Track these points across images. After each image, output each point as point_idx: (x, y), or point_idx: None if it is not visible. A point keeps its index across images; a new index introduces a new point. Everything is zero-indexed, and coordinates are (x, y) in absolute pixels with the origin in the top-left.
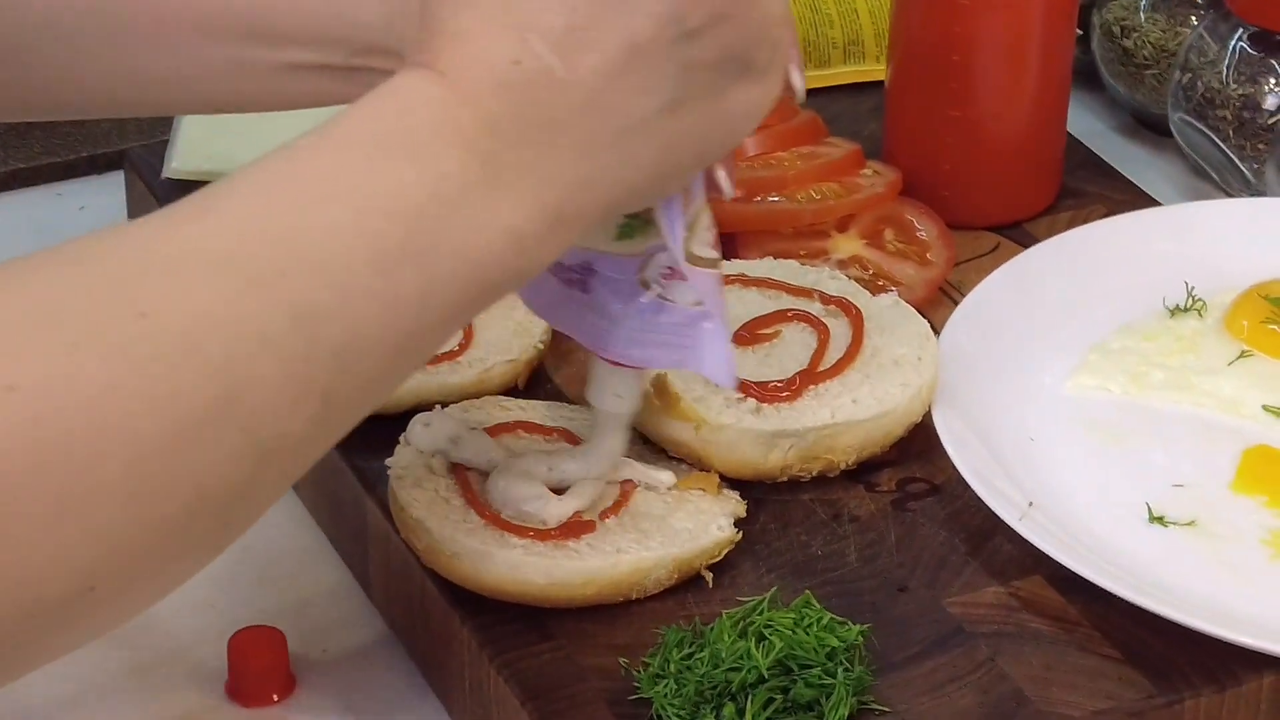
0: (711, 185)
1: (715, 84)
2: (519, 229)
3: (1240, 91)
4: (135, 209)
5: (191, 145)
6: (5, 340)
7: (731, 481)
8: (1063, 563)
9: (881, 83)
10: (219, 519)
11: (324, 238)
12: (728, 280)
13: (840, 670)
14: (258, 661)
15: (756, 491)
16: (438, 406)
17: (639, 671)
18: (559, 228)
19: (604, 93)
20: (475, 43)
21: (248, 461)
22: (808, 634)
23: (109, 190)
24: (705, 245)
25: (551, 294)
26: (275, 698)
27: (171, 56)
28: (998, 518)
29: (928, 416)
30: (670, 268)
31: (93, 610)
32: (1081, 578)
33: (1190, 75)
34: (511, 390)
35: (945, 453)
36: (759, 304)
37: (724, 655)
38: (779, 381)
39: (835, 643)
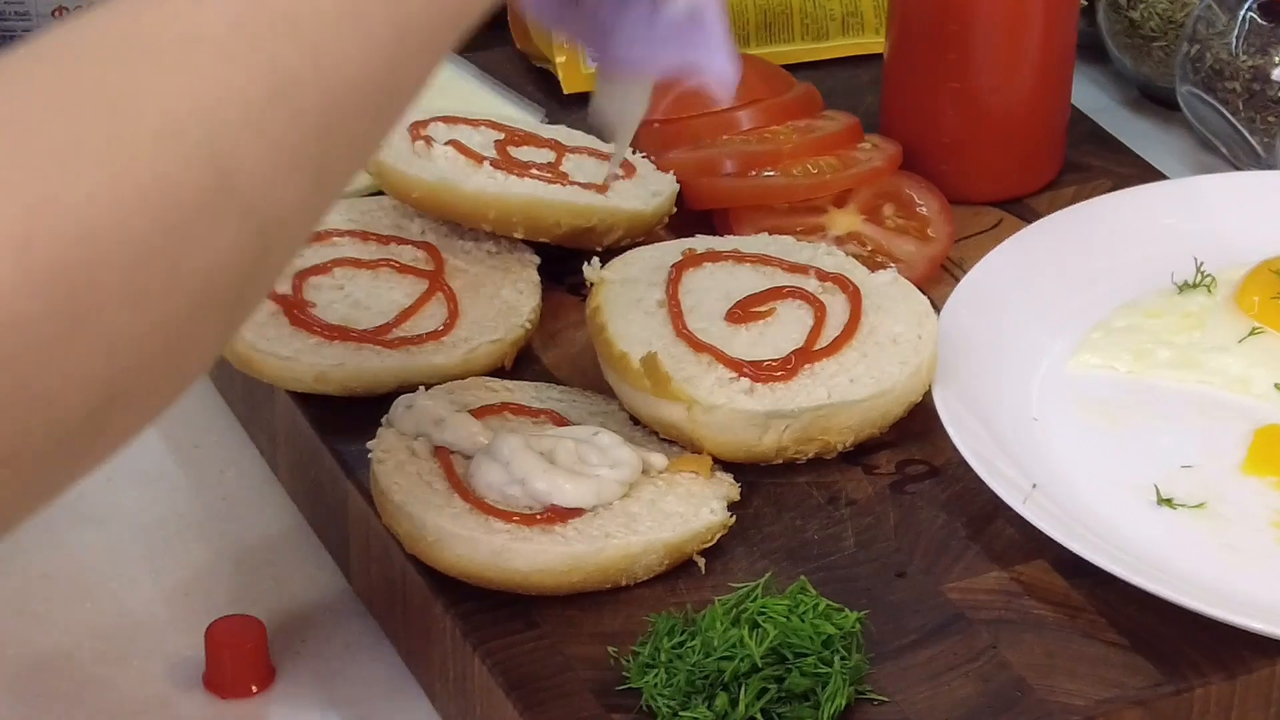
0: None
1: None
2: None
3: (1250, 63)
4: None
5: None
6: None
7: (724, 464)
8: (1067, 546)
9: (880, 55)
10: (230, 305)
11: (289, 2)
12: (721, 256)
13: (836, 659)
14: (236, 651)
15: (750, 474)
16: (421, 388)
17: (628, 661)
18: None
19: None
20: None
21: (249, 243)
22: (803, 621)
23: None
24: None
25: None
26: (254, 688)
27: None
28: (999, 500)
29: (927, 396)
30: None
31: (117, 418)
32: (1086, 562)
33: (1198, 47)
34: (498, 371)
35: (945, 433)
36: (753, 281)
37: (716, 644)
38: (774, 360)
39: (831, 630)
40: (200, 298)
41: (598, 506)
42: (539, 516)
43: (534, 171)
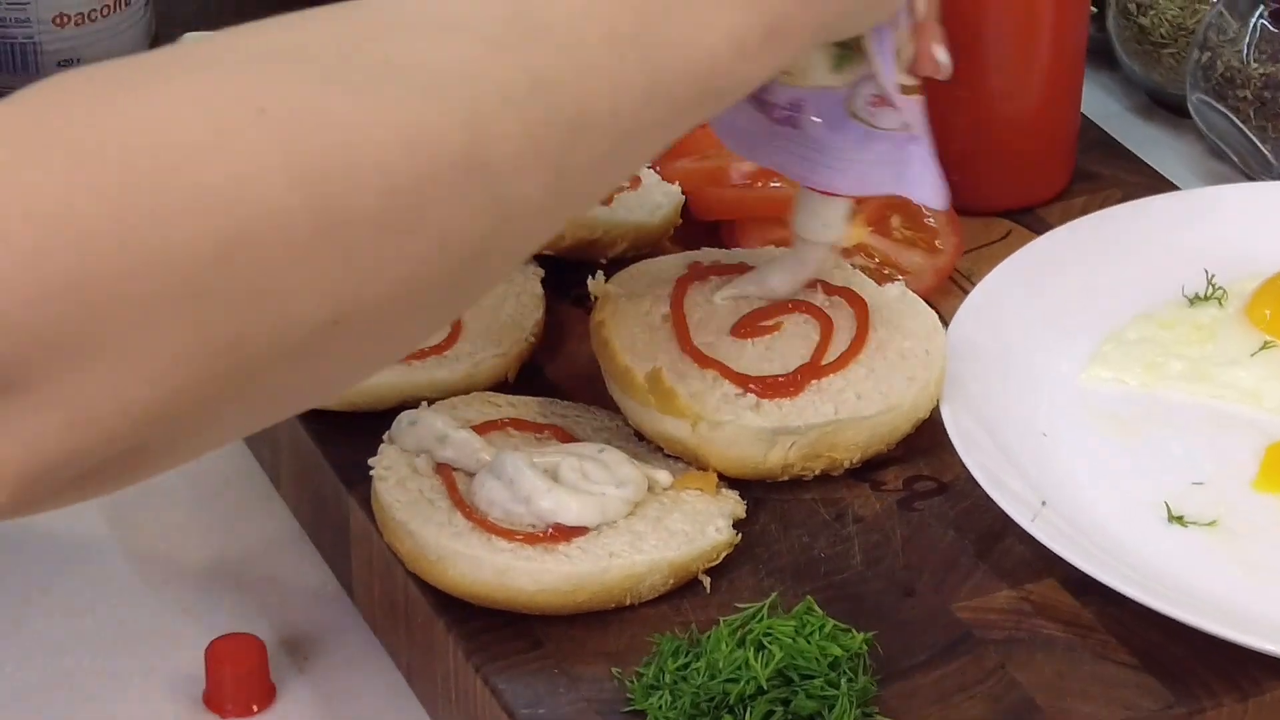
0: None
1: None
2: (739, 34)
3: (1262, 71)
4: None
5: None
6: (255, 70)
7: (730, 481)
8: (1077, 565)
9: None
10: (455, 276)
11: (558, 14)
12: (727, 269)
13: (843, 680)
14: (236, 670)
15: (756, 491)
16: (424, 403)
17: (632, 682)
18: (775, 40)
19: None
20: None
21: (487, 218)
22: (809, 642)
23: None
24: (906, 75)
25: (756, 131)
26: (255, 707)
27: None
28: (1009, 518)
29: (936, 412)
30: (876, 96)
31: (332, 346)
32: (1097, 581)
33: (1209, 54)
34: (501, 385)
35: (954, 450)
36: None
37: (721, 665)
38: (780, 376)
39: (838, 651)
40: (434, 250)
41: (602, 525)
42: (542, 535)
43: None
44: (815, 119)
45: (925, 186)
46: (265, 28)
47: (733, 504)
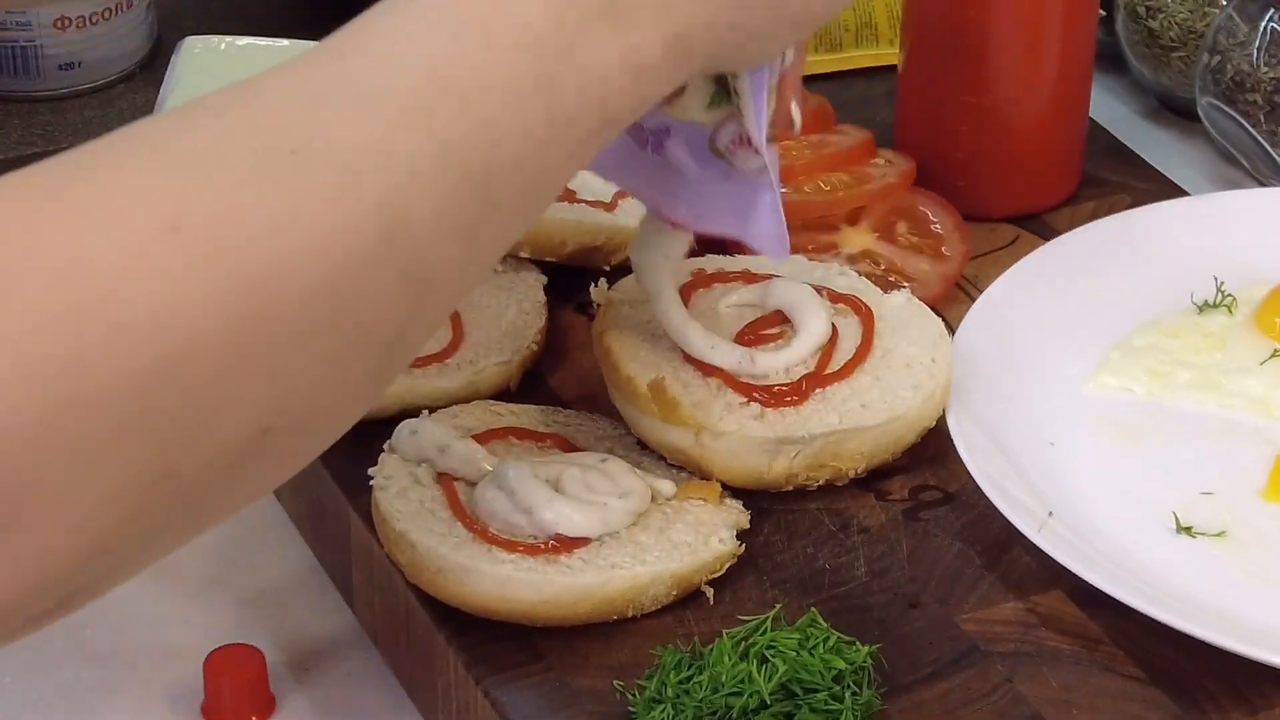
0: (784, 82)
1: None
2: (638, 60)
3: (1272, 74)
4: None
5: None
6: (163, 185)
7: (734, 490)
8: (1084, 576)
9: (895, 67)
10: (379, 360)
11: (461, 69)
12: (730, 277)
13: (848, 694)
14: (235, 681)
15: (760, 501)
16: (425, 412)
17: (634, 695)
18: (673, 60)
19: None
20: None
21: (406, 299)
22: (813, 655)
23: None
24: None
25: (619, 152)
26: (254, 719)
27: None
28: (1015, 528)
29: (941, 421)
30: (740, 136)
31: (266, 455)
32: (1104, 592)
33: (1219, 58)
34: (503, 394)
35: (960, 459)
36: None
37: (724, 679)
38: (784, 385)
39: (842, 665)
40: (356, 345)
41: (604, 535)
42: (544, 546)
43: None
44: (679, 149)
45: (769, 235)
46: (168, 123)
47: (736, 514)
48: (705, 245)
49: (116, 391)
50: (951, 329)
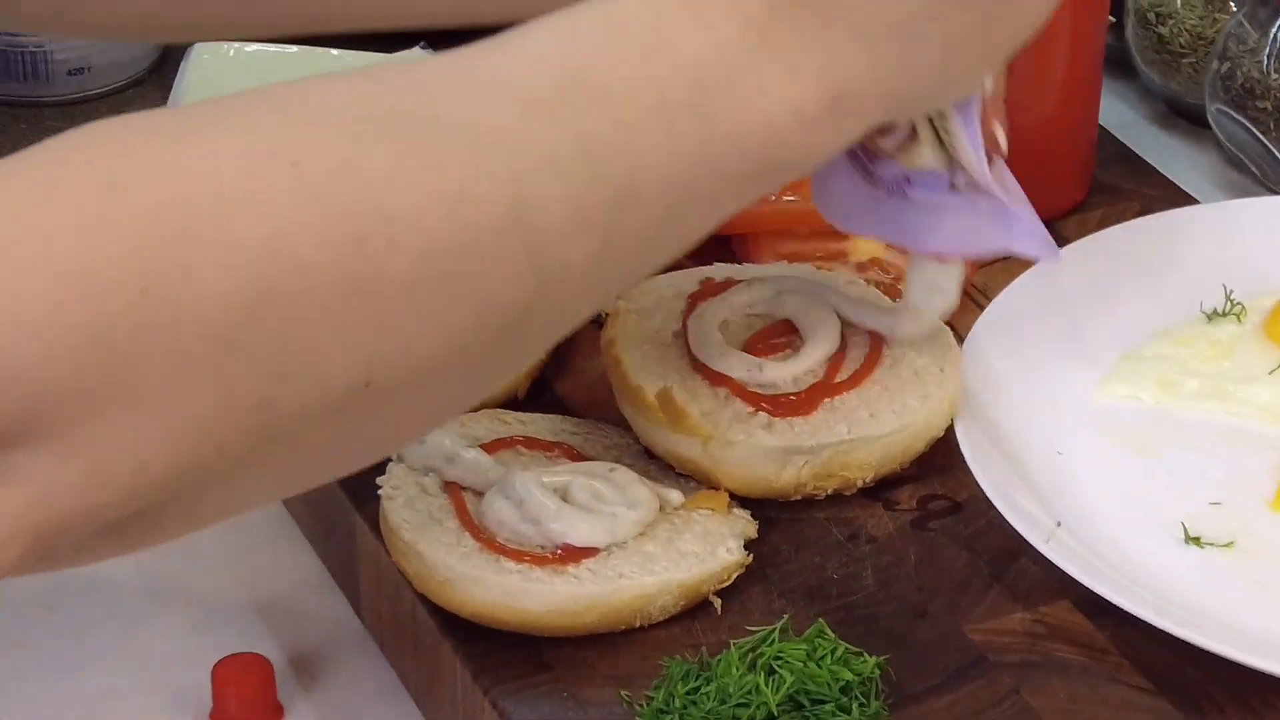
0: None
1: None
2: (799, 105)
3: None
4: None
5: None
6: (291, 125)
7: (742, 500)
8: (1091, 587)
9: None
10: (493, 342)
11: (611, 78)
12: (740, 286)
13: (855, 705)
14: (243, 690)
15: (768, 510)
16: None
17: (641, 706)
18: (840, 112)
19: None
20: None
21: (528, 284)
22: (820, 667)
23: None
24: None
25: (858, 199)
26: None
27: None
28: (1023, 538)
29: (950, 430)
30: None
31: (365, 409)
32: (1112, 603)
33: (1229, 64)
34: (511, 402)
35: (968, 469)
36: None
37: (731, 690)
38: (793, 394)
39: (850, 676)
40: (472, 315)
41: (611, 545)
42: (551, 556)
43: None
44: (922, 193)
45: (1034, 241)
46: (306, 83)
47: (744, 524)
48: (712, 253)
49: (220, 309)
50: (960, 338)
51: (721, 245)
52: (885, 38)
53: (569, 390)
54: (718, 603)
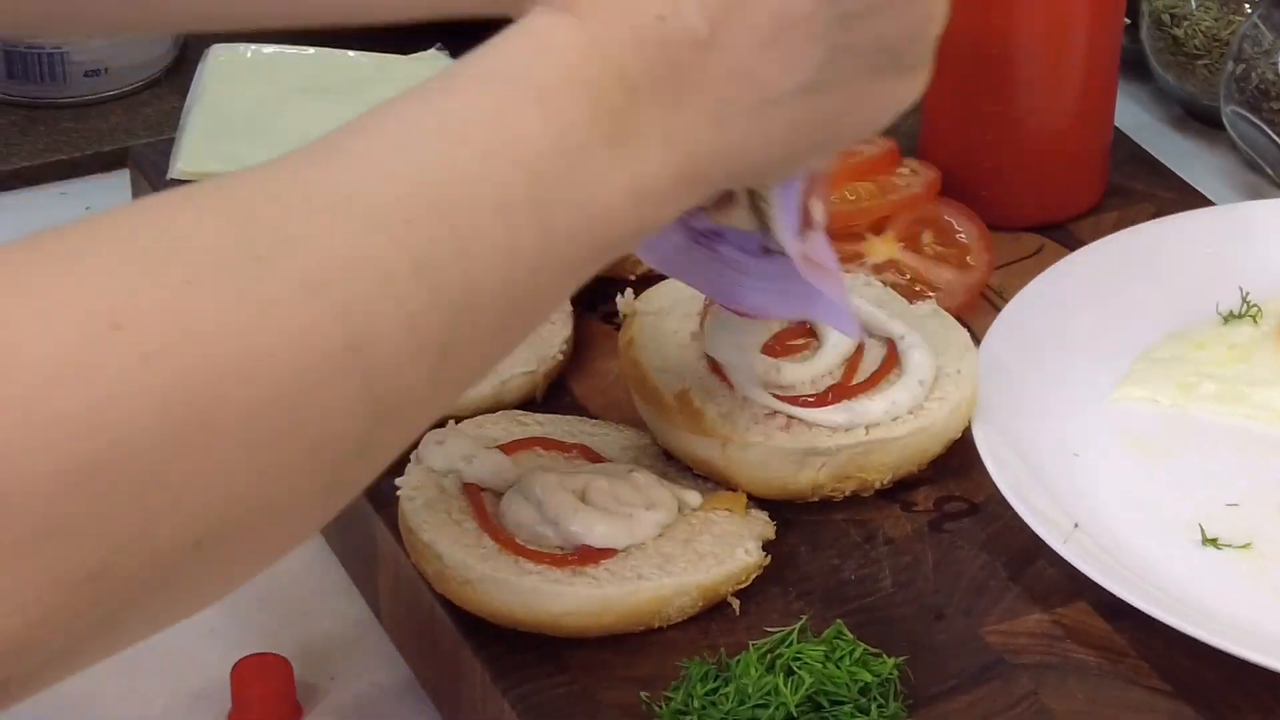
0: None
1: (860, 72)
2: (641, 187)
3: None
4: None
5: (197, 145)
6: (112, 279)
7: (759, 501)
8: (1109, 589)
9: None
10: (331, 476)
11: (450, 184)
12: None
13: (874, 706)
14: (262, 691)
15: (786, 512)
16: (451, 422)
17: (660, 707)
18: (682, 190)
19: (746, 63)
20: None
21: (365, 414)
22: (839, 668)
23: (114, 189)
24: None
25: (673, 248)
26: None
27: None
28: (1040, 540)
29: (967, 432)
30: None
31: (201, 565)
32: (1129, 605)
33: (1244, 66)
34: (529, 404)
35: (985, 470)
36: None
37: (750, 691)
38: (810, 396)
39: (868, 677)
40: (308, 457)
41: (630, 546)
42: (570, 557)
43: None
44: (731, 250)
45: (839, 315)
46: (155, 207)
47: (762, 525)
48: None
49: (42, 490)
50: (977, 339)
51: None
52: (735, 121)
53: (587, 392)
54: (736, 604)
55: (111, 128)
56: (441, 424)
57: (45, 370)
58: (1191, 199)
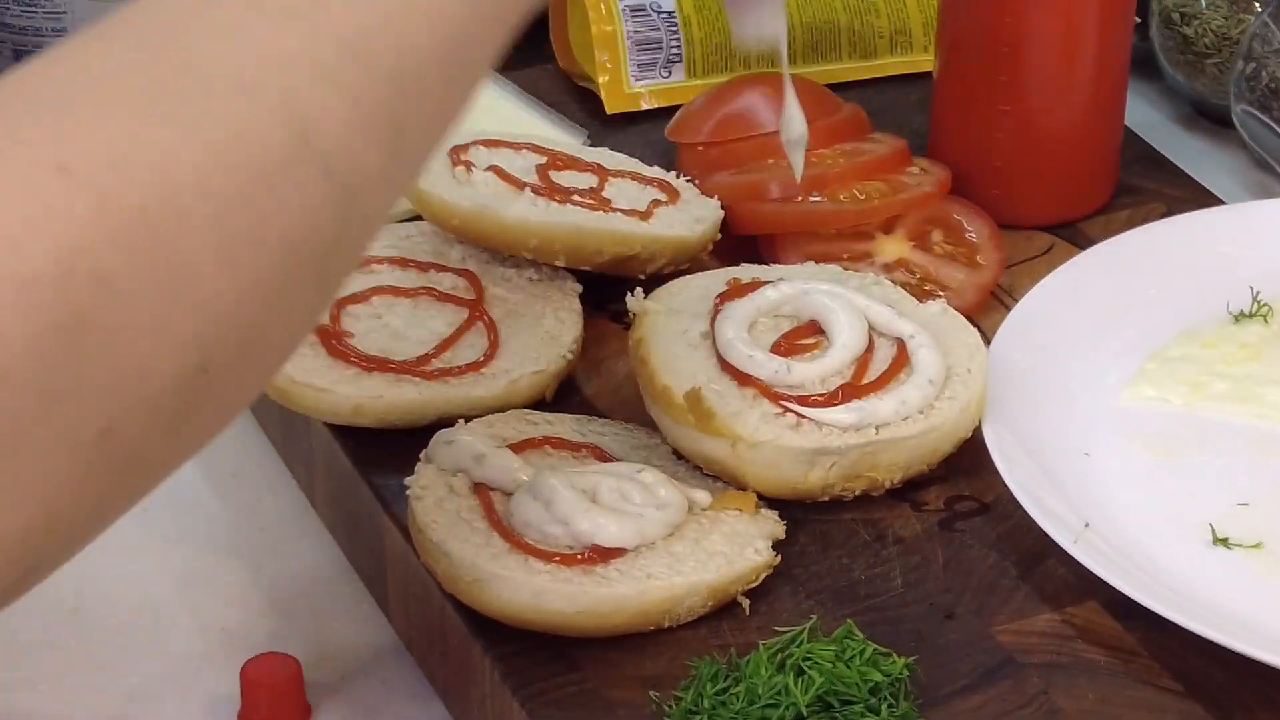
0: None
1: None
2: None
3: None
4: None
5: None
6: (50, 123)
7: (769, 501)
8: (1119, 588)
9: (929, 74)
10: (314, 273)
11: None
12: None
13: (884, 706)
14: (272, 690)
15: (796, 511)
16: (460, 421)
17: (670, 706)
18: None
19: None
20: None
21: (333, 203)
22: (849, 667)
23: None
24: None
25: None
26: None
27: None
28: (1051, 539)
29: (977, 431)
30: None
31: (209, 391)
32: (1140, 604)
33: (1254, 65)
34: (539, 403)
35: (995, 469)
36: None
37: (760, 690)
38: (820, 395)
39: (879, 677)
40: (288, 258)
41: (640, 546)
42: (580, 557)
43: (576, 198)
44: None
45: None
46: (71, 48)
47: (772, 525)
48: (739, 254)
49: (34, 354)
50: (987, 338)
51: (748, 246)
52: None
53: (596, 391)
54: (746, 603)
55: None
56: (450, 423)
57: (3, 233)
58: (1202, 198)
